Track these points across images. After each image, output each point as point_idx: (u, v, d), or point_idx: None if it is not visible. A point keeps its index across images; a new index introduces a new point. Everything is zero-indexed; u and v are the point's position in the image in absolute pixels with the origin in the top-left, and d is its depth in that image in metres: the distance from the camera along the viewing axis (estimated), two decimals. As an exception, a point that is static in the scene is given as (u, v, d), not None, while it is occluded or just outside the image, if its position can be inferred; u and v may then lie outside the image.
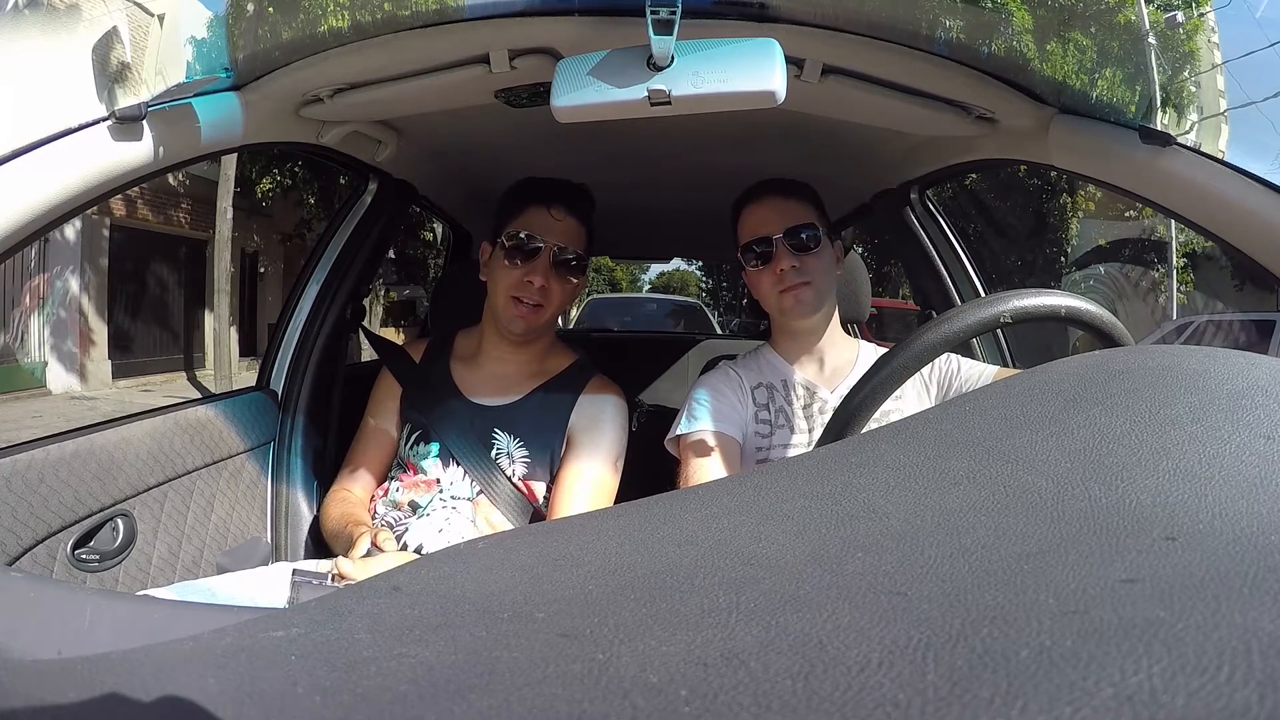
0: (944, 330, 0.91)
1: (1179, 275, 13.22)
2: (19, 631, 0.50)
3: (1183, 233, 12.98)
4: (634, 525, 0.44)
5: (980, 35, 1.40)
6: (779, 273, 1.48)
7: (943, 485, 0.43)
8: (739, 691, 0.26)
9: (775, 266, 1.48)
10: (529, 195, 1.64)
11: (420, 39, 1.36)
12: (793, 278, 1.48)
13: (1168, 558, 0.32)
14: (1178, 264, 13.28)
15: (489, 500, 1.56)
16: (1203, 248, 13.19)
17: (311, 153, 1.76)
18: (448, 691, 0.29)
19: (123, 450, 1.42)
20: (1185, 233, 13.08)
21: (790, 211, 1.52)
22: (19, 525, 1.21)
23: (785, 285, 1.48)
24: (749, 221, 1.55)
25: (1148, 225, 13.83)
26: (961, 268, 2.12)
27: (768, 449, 1.49)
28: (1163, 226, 13.14)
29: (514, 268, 1.59)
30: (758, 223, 1.53)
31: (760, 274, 1.52)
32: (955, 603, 0.30)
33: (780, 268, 1.48)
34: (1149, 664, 0.24)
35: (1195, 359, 0.54)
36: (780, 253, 1.48)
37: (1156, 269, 13.42)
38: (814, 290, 1.50)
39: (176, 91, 1.27)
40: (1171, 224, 12.88)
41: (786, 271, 1.48)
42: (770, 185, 1.58)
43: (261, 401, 1.89)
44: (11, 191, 1.04)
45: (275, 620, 0.37)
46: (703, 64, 1.04)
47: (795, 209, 1.53)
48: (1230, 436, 0.43)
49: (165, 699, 0.31)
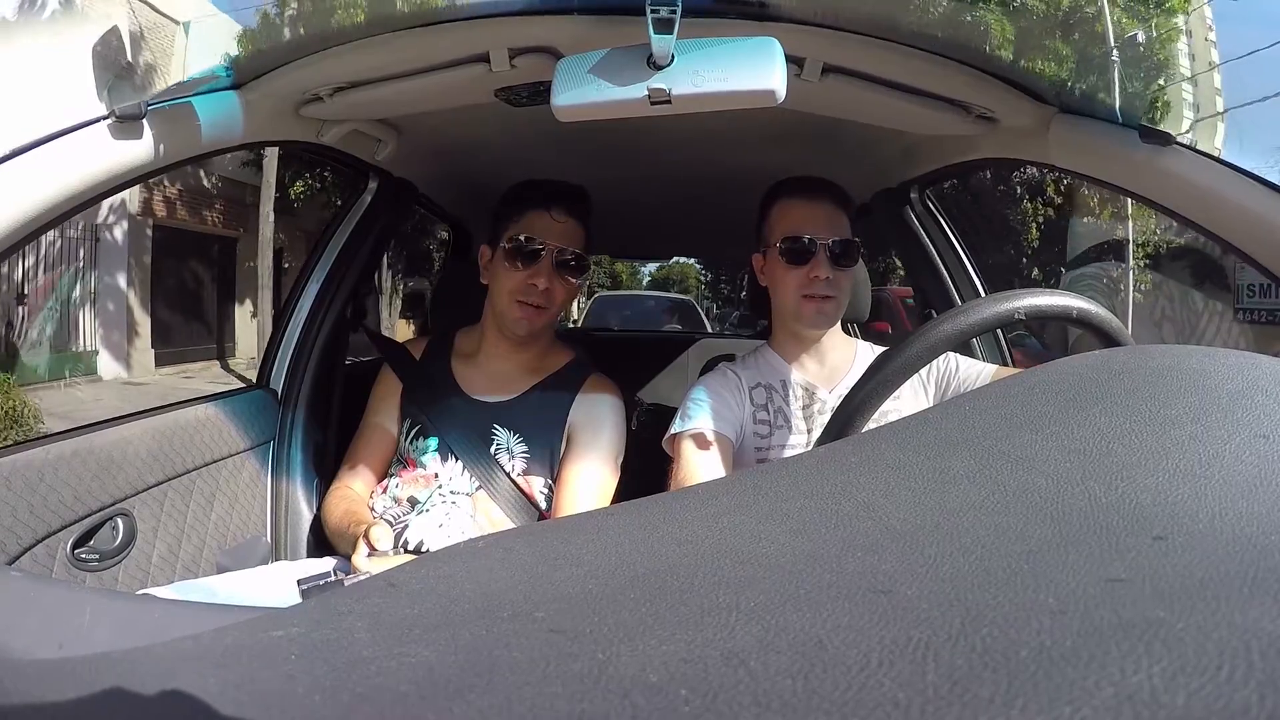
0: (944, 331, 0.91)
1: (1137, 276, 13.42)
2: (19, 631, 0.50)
3: (1142, 234, 13.31)
4: (634, 524, 0.44)
5: (980, 34, 1.40)
6: (811, 278, 1.46)
7: (942, 484, 0.43)
8: (739, 691, 0.26)
9: (810, 271, 1.46)
10: (528, 198, 1.65)
11: (420, 38, 1.36)
12: (823, 289, 1.47)
13: (1167, 557, 0.32)
14: (1135, 265, 13.51)
15: (488, 495, 1.56)
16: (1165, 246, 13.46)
17: (311, 151, 1.76)
18: (448, 691, 0.29)
19: (122, 449, 1.42)
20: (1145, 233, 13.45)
21: (838, 222, 1.51)
22: (19, 525, 1.21)
23: (812, 293, 1.47)
24: (793, 215, 1.52)
25: (1106, 227, 14.07)
26: (961, 267, 2.12)
27: (766, 449, 1.49)
28: (1120, 229, 13.41)
29: (516, 271, 1.60)
30: (804, 220, 1.50)
31: (789, 272, 1.49)
32: (955, 602, 0.30)
33: (815, 274, 1.46)
34: (1149, 664, 0.24)
35: (1195, 359, 0.54)
36: (820, 259, 1.46)
37: (1115, 268, 13.64)
38: (836, 305, 1.49)
39: (176, 90, 1.27)
40: (1130, 224, 13.18)
41: (819, 280, 1.46)
42: (825, 187, 1.55)
43: (261, 400, 1.89)
44: (13, 189, 1.05)
45: (275, 619, 0.37)
46: (703, 63, 1.04)
47: (842, 221, 1.52)
48: (1230, 436, 0.43)
49: (165, 698, 0.31)
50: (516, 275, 1.59)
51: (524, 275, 1.59)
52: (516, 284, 1.60)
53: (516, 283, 1.60)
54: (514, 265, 1.60)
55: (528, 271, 1.59)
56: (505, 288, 1.61)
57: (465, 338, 1.78)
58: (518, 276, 1.59)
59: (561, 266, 1.62)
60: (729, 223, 2.33)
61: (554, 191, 1.65)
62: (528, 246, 1.59)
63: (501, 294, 1.62)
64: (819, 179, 1.57)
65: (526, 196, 1.65)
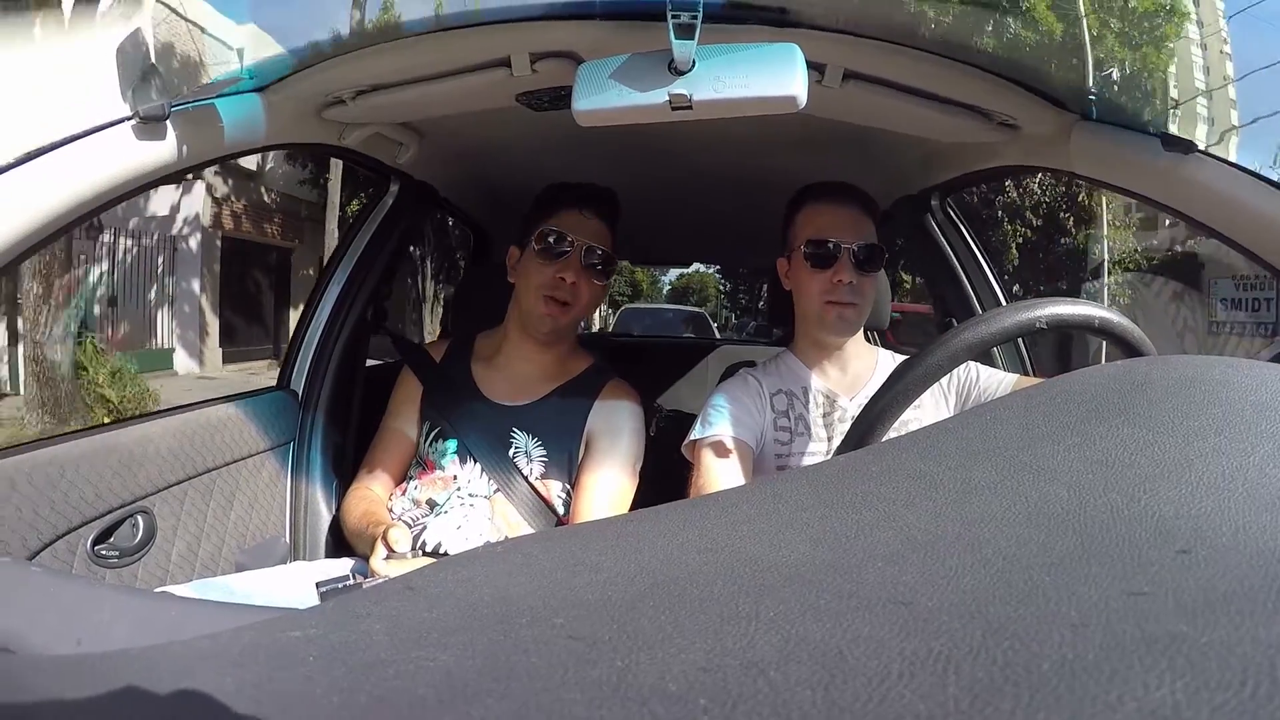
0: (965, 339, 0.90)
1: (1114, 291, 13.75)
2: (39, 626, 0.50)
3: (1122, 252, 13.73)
4: (654, 531, 0.44)
5: (1001, 41, 1.39)
6: (835, 283, 1.46)
7: (963, 495, 0.43)
8: (758, 701, 0.26)
9: (834, 275, 1.46)
10: (560, 197, 1.68)
11: (442, 42, 1.37)
12: (846, 295, 1.47)
13: (1190, 571, 0.32)
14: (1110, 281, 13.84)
15: (505, 498, 1.57)
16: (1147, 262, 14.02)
17: (333, 154, 1.77)
18: (465, 695, 0.29)
19: (143, 447, 1.43)
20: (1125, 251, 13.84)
21: (864, 227, 1.51)
22: (40, 520, 1.22)
23: (835, 298, 1.47)
24: (819, 219, 1.52)
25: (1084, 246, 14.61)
26: (982, 275, 2.11)
27: (787, 456, 1.49)
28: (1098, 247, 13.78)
29: (546, 265, 1.62)
30: (829, 225, 1.50)
31: (813, 276, 1.49)
32: (976, 614, 0.30)
33: (839, 279, 1.46)
34: (1172, 679, 0.24)
35: (1219, 370, 0.53)
36: (844, 263, 1.46)
37: (1093, 286, 13.96)
38: (858, 312, 1.49)
39: (200, 92, 1.28)
40: (1105, 233, 13.42)
41: (843, 285, 1.46)
42: (852, 193, 1.55)
43: (282, 401, 1.90)
44: (38, 188, 1.06)
45: (293, 620, 0.38)
46: (724, 69, 1.04)
47: (867, 226, 1.52)
48: (1254, 448, 0.42)
49: (183, 696, 0.31)
50: (546, 270, 1.61)
51: (553, 270, 1.61)
52: (545, 279, 1.61)
53: (545, 278, 1.61)
54: (544, 260, 1.62)
55: (556, 266, 1.61)
56: (533, 283, 1.63)
57: (485, 341, 1.80)
58: (547, 271, 1.61)
59: (589, 265, 1.63)
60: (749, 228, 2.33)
61: (585, 192, 1.68)
62: (557, 243, 1.61)
63: (529, 290, 1.64)
64: (845, 184, 1.57)
65: (559, 197, 1.68)
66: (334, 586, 1.09)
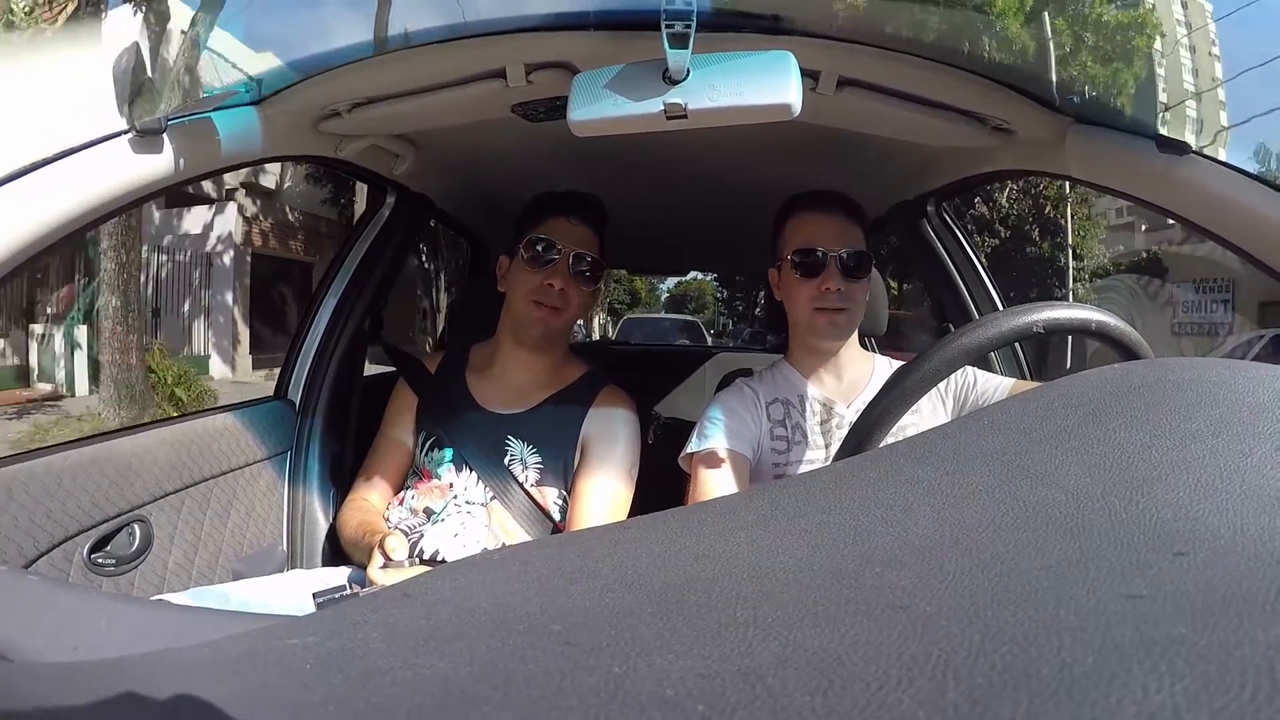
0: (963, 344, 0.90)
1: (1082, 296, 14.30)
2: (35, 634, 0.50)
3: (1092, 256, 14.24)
4: (651, 538, 0.44)
5: (994, 45, 1.40)
6: (823, 290, 1.47)
7: (961, 500, 0.43)
8: (756, 707, 0.26)
9: (821, 283, 1.47)
10: (547, 205, 1.70)
11: (437, 54, 1.37)
12: (835, 301, 1.47)
13: (1189, 573, 0.32)
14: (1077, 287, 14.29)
15: (502, 506, 1.58)
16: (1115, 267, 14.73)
17: (330, 166, 1.77)
18: (463, 703, 0.29)
19: (140, 456, 1.43)
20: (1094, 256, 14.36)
21: (850, 234, 1.51)
22: (36, 529, 1.22)
23: (824, 305, 1.48)
24: (806, 228, 1.53)
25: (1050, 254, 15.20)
26: (979, 280, 2.11)
27: (784, 464, 1.49)
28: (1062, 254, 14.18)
29: (534, 272, 1.63)
30: (816, 233, 1.50)
31: (801, 285, 1.50)
32: (974, 618, 0.30)
33: (826, 286, 1.47)
34: (1171, 682, 0.24)
35: (1216, 372, 0.53)
36: (831, 271, 1.47)
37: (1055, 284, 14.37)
38: (849, 317, 1.50)
39: (196, 105, 1.28)
40: (1069, 236, 13.74)
41: (831, 292, 1.47)
42: (837, 200, 1.56)
43: (279, 410, 1.90)
44: (35, 202, 1.06)
45: (290, 628, 0.38)
46: (718, 77, 1.04)
47: (854, 233, 1.52)
48: (1251, 450, 0.42)
49: (179, 704, 0.31)
50: (534, 276, 1.63)
51: (541, 276, 1.62)
52: (534, 285, 1.62)
53: (534, 283, 1.62)
54: (532, 267, 1.63)
55: (544, 272, 1.62)
56: (522, 289, 1.64)
57: (480, 352, 1.80)
58: (535, 277, 1.62)
59: (578, 272, 1.65)
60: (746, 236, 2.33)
61: (571, 200, 1.70)
62: (545, 250, 1.63)
63: (519, 297, 1.65)
64: (831, 192, 1.57)
65: (546, 205, 1.70)
66: (331, 597, 1.09)
